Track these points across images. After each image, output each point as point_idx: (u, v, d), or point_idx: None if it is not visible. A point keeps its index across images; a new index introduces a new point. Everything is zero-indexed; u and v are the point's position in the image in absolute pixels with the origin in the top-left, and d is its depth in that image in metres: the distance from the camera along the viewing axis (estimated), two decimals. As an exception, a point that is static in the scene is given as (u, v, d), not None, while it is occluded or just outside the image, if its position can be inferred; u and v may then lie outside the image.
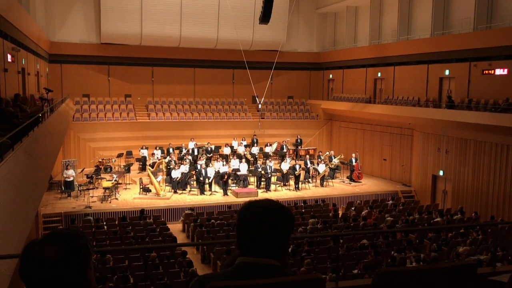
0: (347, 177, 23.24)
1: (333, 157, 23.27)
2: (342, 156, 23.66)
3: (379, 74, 25.77)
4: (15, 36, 14.55)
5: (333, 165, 22.92)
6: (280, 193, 20.82)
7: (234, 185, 21.12)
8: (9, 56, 13.45)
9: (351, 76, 28.10)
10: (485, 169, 18.36)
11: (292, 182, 21.74)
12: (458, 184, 19.69)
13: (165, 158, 22.12)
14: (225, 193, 19.96)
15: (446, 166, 20.30)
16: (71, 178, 19.47)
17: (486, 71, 18.69)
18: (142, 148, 23.69)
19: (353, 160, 23.05)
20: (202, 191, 20.02)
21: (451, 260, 12.06)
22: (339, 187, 22.16)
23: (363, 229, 15.05)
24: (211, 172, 20.47)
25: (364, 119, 25.43)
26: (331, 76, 30.30)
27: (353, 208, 18.55)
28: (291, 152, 26.13)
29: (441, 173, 20.57)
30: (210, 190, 20.38)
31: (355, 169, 22.95)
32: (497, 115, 16.89)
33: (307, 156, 23.84)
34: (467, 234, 14.27)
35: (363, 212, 17.56)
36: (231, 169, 21.92)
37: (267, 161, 21.87)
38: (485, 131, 17.71)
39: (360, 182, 22.92)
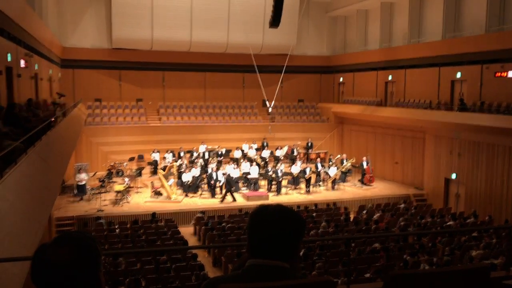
0: (359, 181, 23.12)
1: (344, 161, 23.17)
2: (354, 160, 23.55)
3: (390, 77, 25.62)
4: (28, 41, 14.73)
5: (344, 169, 22.81)
6: (291, 196, 20.78)
7: (245, 188, 21.12)
8: (22, 62, 13.62)
9: (362, 79, 27.99)
10: (498, 172, 18.14)
11: (303, 185, 21.70)
12: (471, 187, 19.48)
13: (176, 161, 22.20)
14: (221, 200, 19.63)
15: (458, 169, 20.10)
16: (84, 182, 19.62)
17: (499, 74, 18.48)
18: (153, 152, 23.81)
19: (365, 164, 22.93)
20: (213, 195, 20.06)
21: (464, 264, 11.92)
22: (350, 190, 22.05)
23: (375, 233, 14.94)
24: (222, 175, 20.50)
25: (375, 122, 25.30)
26: (341, 79, 30.20)
27: (364, 212, 18.44)
28: (301, 156, 26.06)
29: (453, 176, 20.37)
30: (221, 193, 20.40)
31: (366, 173, 22.82)
32: (510, 117, 16.68)
33: (318, 159, 23.76)
34: (480, 238, 14.10)
35: (374, 216, 17.45)
36: (242, 172, 21.91)
37: (278, 165, 21.85)
38: (498, 134, 17.50)
39: (372, 185, 22.78)
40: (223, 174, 20.31)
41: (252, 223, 1.84)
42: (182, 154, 23.75)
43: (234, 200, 19.50)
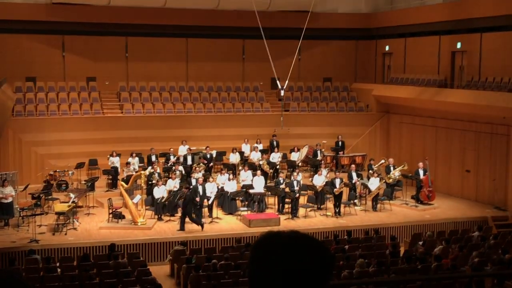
0: (412, 197, 23.09)
1: (391, 168, 23.11)
2: (405, 167, 23.50)
3: (458, 45, 25.52)
4: None
5: (391, 180, 22.75)
6: (313, 220, 20.78)
7: (245, 208, 21.14)
8: None
9: (418, 48, 27.89)
10: None
11: (330, 204, 21.65)
12: None
13: (145, 169, 22.19)
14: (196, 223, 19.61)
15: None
16: (10, 199, 19.62)
17: None
18: (111, 156, 23.81)
19: (421, 172, 22.86)
20: (198, 218, 20.07)
21: None
22: (400, 211, 22.02)
23: (436, 274, 14.92)
24: (211, 189, 20.49)
25: (436, 111, 25.23)
26: (387, 48, 30.10)
27: (421, 243, 18.40)
28: (328, 161, 25.98)
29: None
30: (211, 216, 20.43)
31: (423, 185, 22.76)
32: None
33: (353, 166, 23.67)
34: None
35: (435, 249, 17.41)
36: (241, 184, 21.85)
37: (294, 174, 21.80)
38: None
39: (432, 204, 22.74)
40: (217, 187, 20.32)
41: (255, 258, 1.85)
42: (153, 158, 23.72)
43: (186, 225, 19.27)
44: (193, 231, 19.37)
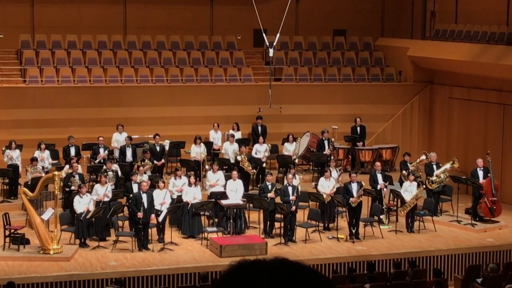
0: (467, 211, 23.21)
1: (434, 167, 23.23)
2: (455, 164, 23.57)
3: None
4: None
5: (435, 185, 22.88)
6: (317, 246, 20.84)
7: (215, 228, 21.18)
8: None
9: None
10: None
11: (343, 222, 21.77)
12: None
13: (60, 169, 22.11)
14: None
15: None
16: None
17: None
18: (9, 148, 23.69)
19: (480, 174, 22.94)
20: (143, 243, 20.14)
21: None
22: (448, 232, 22.12)
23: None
24: (162, 199, 20.53)
25: (504, 81, 25.37)
26: (430, -15, 30.20)
27: (479, 280, 18.56)
28: (341, 156, 26.04)
29: None
30: (162, 240, 20.44)
31: (484, 194, 22.80)
32: None
33: (378, 164, 23.73)
34: None
35: (502, 289, 17.59)
36: (208, 192, 21.87)
37: (288, 176, 21.82)
38: None
39: (497, 221, 22.84)
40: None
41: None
42: (73, 152, 23.66)
43: None
44: (137, 262, 19.41)
